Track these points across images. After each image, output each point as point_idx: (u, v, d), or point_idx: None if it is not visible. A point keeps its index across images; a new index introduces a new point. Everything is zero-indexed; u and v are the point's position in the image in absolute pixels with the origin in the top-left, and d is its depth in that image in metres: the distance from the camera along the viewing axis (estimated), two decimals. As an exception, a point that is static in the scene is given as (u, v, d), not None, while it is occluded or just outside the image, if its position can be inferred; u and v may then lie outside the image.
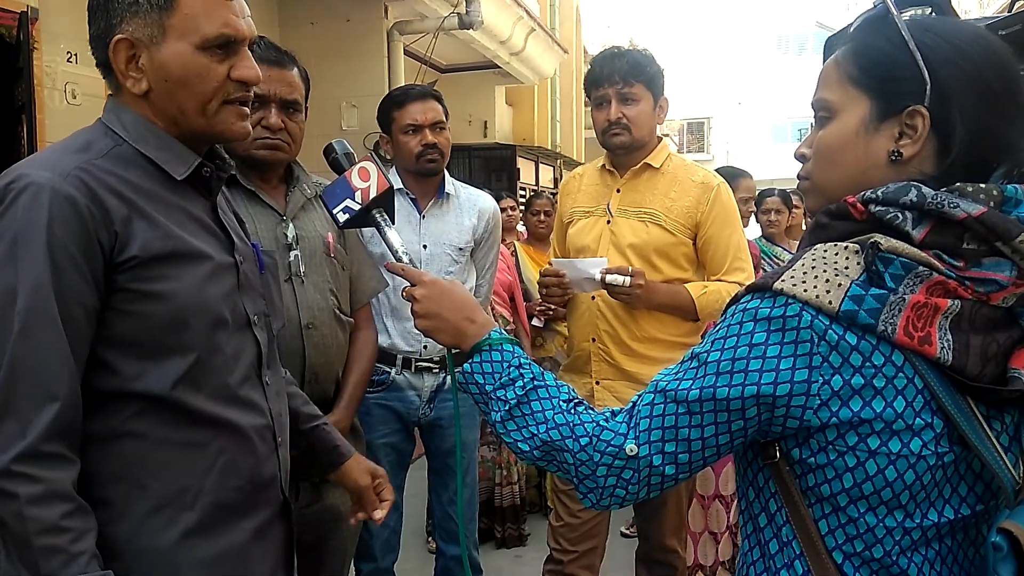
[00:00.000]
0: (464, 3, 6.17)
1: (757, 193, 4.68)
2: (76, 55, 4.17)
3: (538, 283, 2.51)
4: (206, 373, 1.16)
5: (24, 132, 3.81)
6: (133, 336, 1.11)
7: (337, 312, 2.04)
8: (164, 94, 1.16)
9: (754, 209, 4.50)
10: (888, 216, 0.90)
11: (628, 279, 2.23)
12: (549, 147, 10.83)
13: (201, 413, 1.16)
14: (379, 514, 1.59)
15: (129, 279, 1.10)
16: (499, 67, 8.29)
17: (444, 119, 2.52)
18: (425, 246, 2.51)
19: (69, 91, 4.14)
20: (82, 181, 1.08)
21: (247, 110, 1.22)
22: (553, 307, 4.01)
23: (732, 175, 4.33)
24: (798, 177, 1.07)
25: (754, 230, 4.68)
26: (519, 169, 9.03)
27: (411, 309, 1.25)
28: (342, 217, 1.33)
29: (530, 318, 4.13)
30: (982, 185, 0.89)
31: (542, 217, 4.50)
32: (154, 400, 1.12)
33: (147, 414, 1.13)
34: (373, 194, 1.32)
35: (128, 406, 1.12)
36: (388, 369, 2.50)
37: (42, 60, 3.98)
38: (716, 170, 4.17)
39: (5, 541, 1.02)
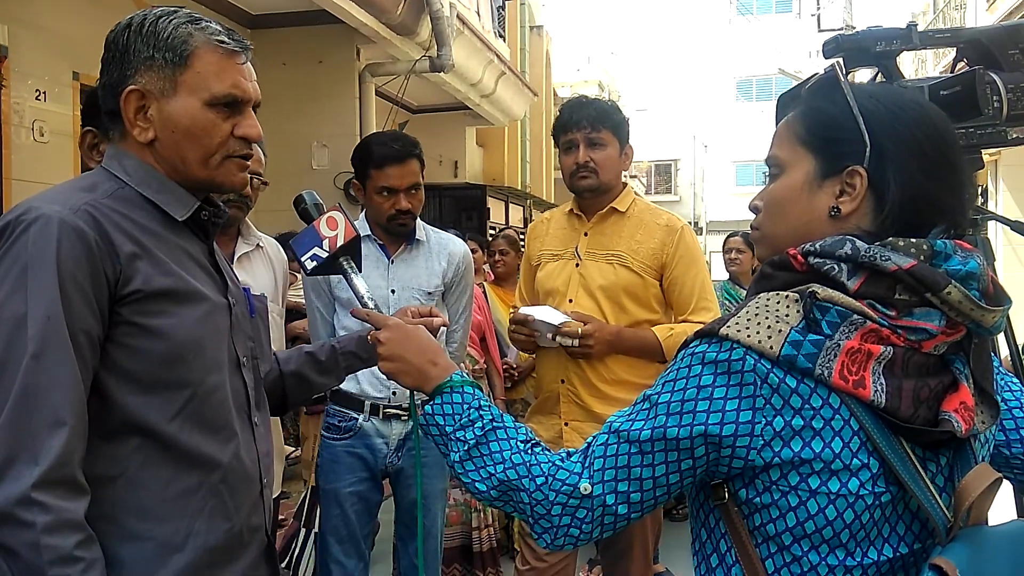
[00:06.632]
0: (435, 47, 6.28)
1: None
2: (44, 93, 4.18)
3: (508, 329, 2.54)
4: (201, 410, 1.20)
5: (-10, 169, 3.80)
6: (133, 369, 1.14)
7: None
8: (170, 144, 1.21)
9: None
10: (825, 267, 0.96)
11: (576, 341, 2.29)
12: (519, 187, 10.96)
13: (195, 451, 1.18)
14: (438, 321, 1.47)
15: (131, 313, 1.14)
16: (470, 108, 8.42)
17: (421, 178, 2.49)
18: (393, 291, 2.49)
19: (37, 128, 4.13)
20: (90, 215, 1.13)
21: (247, 163, 1.28)
22: (519, 372, 4.08)
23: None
24: (751, 227, 1.13)
25: (718, 274, 4.78)
26: (489, 209, 9.13)
27: (376, 352, 1.29)
28: (310, 264, 1.37)
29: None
30: (913, 240, 0.95)
31: (497, 256, 4.50)
32: (152, 436, 1.15)
33: (144, 451, 1.15)
34: (340, 242, 1.37)
35: (127, 442, 1.14)
36: (356, 415, 2.48)
37: (10, 97, 3.98)
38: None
39: (12, 571, 1.02)
